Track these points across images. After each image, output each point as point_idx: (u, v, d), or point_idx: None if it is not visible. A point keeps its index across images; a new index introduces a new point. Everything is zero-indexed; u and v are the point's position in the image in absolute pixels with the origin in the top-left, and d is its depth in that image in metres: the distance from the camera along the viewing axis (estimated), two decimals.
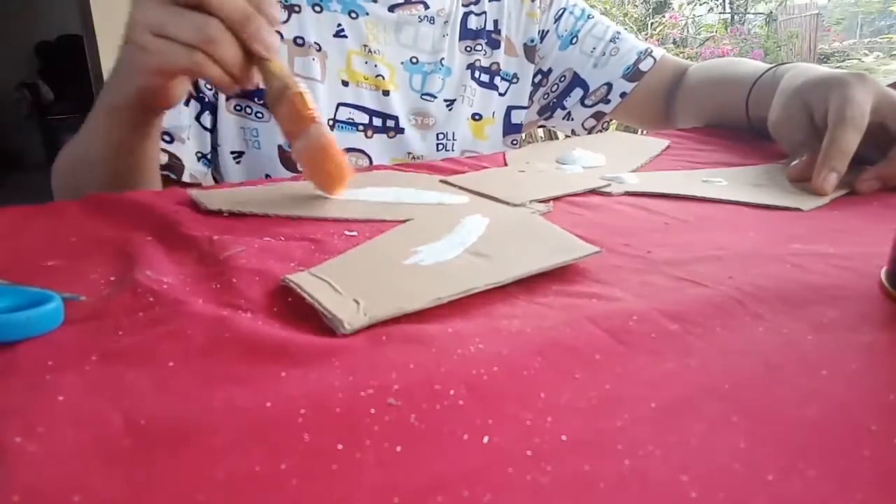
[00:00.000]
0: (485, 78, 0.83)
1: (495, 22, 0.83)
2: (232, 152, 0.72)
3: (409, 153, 0.78)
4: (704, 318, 0.29)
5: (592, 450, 0.20)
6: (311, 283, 0.31)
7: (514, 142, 0.86)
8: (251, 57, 0.45)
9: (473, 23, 0.82)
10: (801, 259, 0.36)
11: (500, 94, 0.85)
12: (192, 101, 0.68)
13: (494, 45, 0.83)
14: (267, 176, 0.72)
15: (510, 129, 0.85)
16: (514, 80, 0.85)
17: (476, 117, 0.82)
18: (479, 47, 0.82)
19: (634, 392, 0.23)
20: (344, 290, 0.31)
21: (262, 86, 0.48)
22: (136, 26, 0.44)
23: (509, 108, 0.86)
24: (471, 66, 0.82)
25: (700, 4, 4.64)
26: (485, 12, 0.82)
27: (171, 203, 0.46)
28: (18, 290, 0.29)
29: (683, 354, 0.26)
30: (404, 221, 0.44)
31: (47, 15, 4.65)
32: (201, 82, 0.68)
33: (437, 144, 0.79)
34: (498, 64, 0.84)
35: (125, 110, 0.51)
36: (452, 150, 0.80)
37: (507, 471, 0.19)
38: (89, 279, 0.34)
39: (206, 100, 0.69)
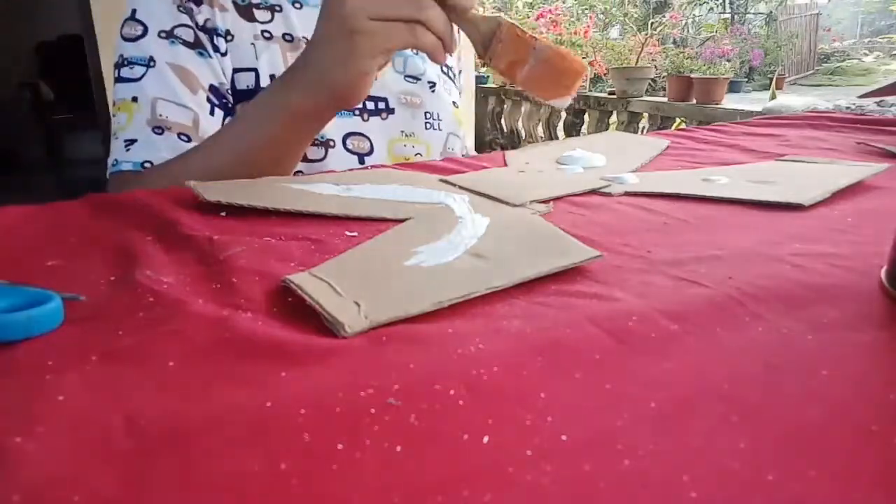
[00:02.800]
0: (450, 74, 0.87)
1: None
2: None
3: (402, 131, 0.79)
4: (704, 318, 0.29)
5: (592, 450, 0.20)
6: (311, 284, 0.31)
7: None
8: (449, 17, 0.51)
9: None
10: (801, 259, 0.36)
11: (459, 95, 0.89)
12: (217, 110, 0.69)
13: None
14: None
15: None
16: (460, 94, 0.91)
17: (455, 104, 0.86)
18: None
19: (634, 392, 0.23)
20: (344, 291, 0.30)
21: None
22: (353, 15, 0.48)
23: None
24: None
25: (700, 4, 4.64)
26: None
27: (171, 203, 0.46)
28: (18, 290, 0.29)
29: (683, 354, 0.26)
30: (404, 220, 0.44)
31: (47, 15, 4.65)
32: (222, 88, 0.69)
33: (426, 123, 0.81)
34: (454, 69, 0.89)
35: (313, 113, 0.55)
36: (440, 130, 0.82)
37: (507, 471, 0.19)
38: (89, 279, 0.34)
39: (229, 105, 0.70)
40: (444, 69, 0.86)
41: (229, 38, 0.69)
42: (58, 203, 0.46)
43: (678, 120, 2.91)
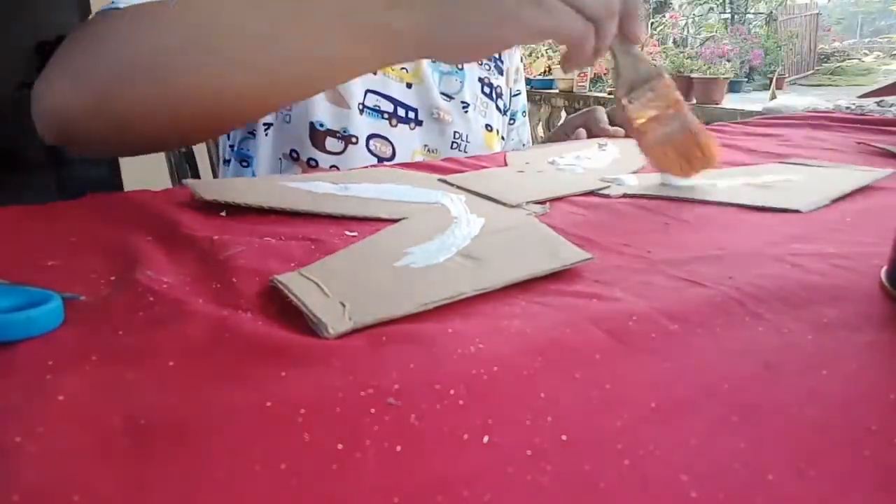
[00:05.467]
0: (493, 95, 0.88)
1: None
2: (263, 123, 0.73)
3: (426, 146, 0.79)
4: (704, 318, 0.29)
5: (592, 450, 0.20)
6: (299, 284, 0.31)
7: None
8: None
9: None
10: (801, 259, 0.36)
11: (502, 115, 0.90)
12: None
13: (500, 71, 0.89)
14: (293, 152, 0.73)
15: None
16: (504, 113, 0.92)
17: (489, 128, 0.86)
18: (488, 66, 0.87)
19: (634, 392, 0.23)
20: (331, 292, 0.30)
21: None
22: None
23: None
24: (481, 80, 0.86)
25: (700, 4, 4.63)
26: None
27: (171, 203, 0.46)
28: (18, 290, 0.29)
29: (683, 354, 0.26)
30: (399, 220, 0.43)
31: (47, 15, 4.65)
32: None
33: (452, 143, 0.81)
34: (500, 88, 0.89)
35: (402, 46, 0.45)
36: (465, 152, 0.82)
37: (507, 471, 0.19)
38: (89, 279, 0.34)
39: None
40: (487, 90, 0.86)
41: None
42: (58, 203, 0.46)
43: None
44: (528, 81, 3.35)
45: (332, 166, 0.72)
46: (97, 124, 0.46)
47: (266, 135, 0.73)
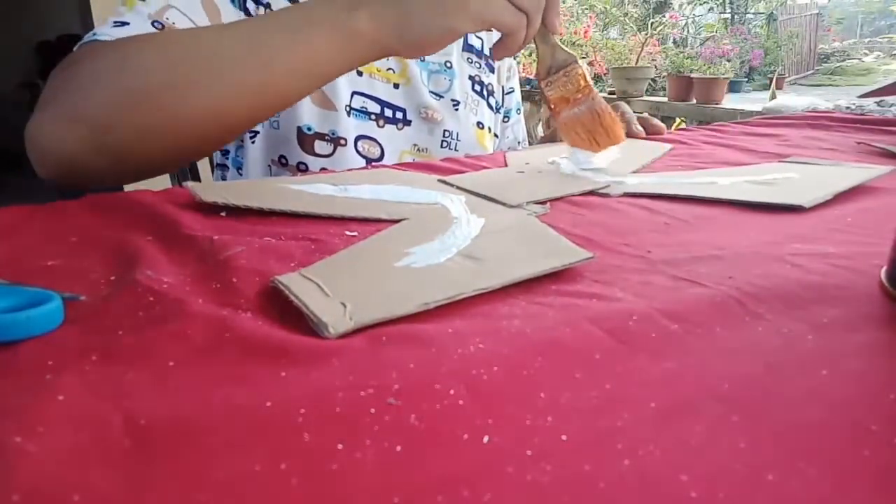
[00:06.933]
0: (484, 93, 0.88)
1: (491, 50, 0.90)
2: (249, 131, 0.73)
3: (415, 145, 0.79)
4: (704, 318, 0.29)
5: (592, 450, 0.20)
6: (299, 285, 0.31)
7: None
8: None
9: (473, 40, 0.88)
10: (801, 259, 0.36)
11: (495, 113, 0.91)
12: None
13: (490, 69, 0.90)
14: (283, 157, 0.73)
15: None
16: (497, 110, 0.92)
17: (480, 125, 0.86)
18: (478, 65, 0.88)
19: (634, 392, 0.23)
20: (332, 292, 0.30)
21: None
22: None
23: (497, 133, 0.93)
24: (472, 78, 0.86)
25: (700, 4, 4.64)
26: (481, 38, 0.88)
27: (171, 203, 0.46)
28: (18, 290, 0.29)
29: (683, 354, 0.26)
30: (400, 221, 0.43)
31: (47, 15, 4.64)
32: None
33: (443, 141, 0.81)
34: (492, 86, 0.90)
35: (367, 45, 0.50)
36: (456, 150, 0.82)
37: (507, 471, 0.19)
38: (89, 279, 0.34)
39: None
40: (477, 88, 0.87)
41: (266, 8, 0.68)
42: (58, 203, 0.46)
43: (678, 120, 2.91)
44: (528, 81, 3.35)
45: (321, 169, 0.72)
46: (96, 158, 0.49)
47: (253, 143, 0.73)
